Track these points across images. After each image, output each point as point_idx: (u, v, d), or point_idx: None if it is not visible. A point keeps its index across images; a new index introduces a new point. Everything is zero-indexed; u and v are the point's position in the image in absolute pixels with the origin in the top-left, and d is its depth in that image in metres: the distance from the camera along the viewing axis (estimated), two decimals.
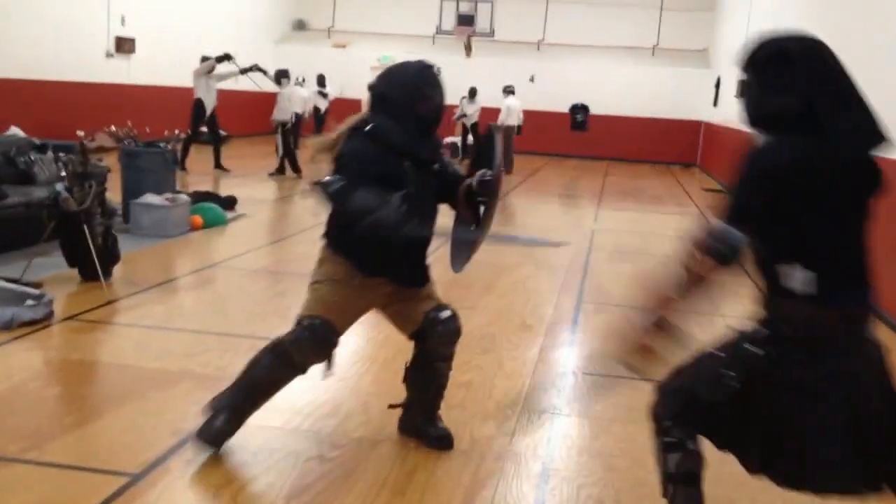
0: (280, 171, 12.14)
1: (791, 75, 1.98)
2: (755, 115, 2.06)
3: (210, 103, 11.99)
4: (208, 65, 11.99)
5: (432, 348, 3.01)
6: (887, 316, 4.96)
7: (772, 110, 2.01)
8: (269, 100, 13.04)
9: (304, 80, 15.16)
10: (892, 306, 4.90)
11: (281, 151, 12.07)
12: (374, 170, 2.72)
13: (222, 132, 12.56)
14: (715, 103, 16.83)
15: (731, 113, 14.61)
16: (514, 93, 15.26)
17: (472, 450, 3.19)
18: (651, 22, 19.78)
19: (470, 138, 15.93)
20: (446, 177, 3.00)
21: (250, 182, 11.35)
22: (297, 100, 13.11)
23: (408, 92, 2.83)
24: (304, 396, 3.50)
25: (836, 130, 1.93)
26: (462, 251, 3.01)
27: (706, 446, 2.19)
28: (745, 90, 2.11)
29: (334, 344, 2.89)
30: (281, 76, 12.84)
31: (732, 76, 14.40)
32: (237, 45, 14.19)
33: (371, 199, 2.64)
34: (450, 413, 3.49)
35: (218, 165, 12.16)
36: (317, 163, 2.99)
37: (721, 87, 16.28)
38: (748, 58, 2.10)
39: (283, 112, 12.36)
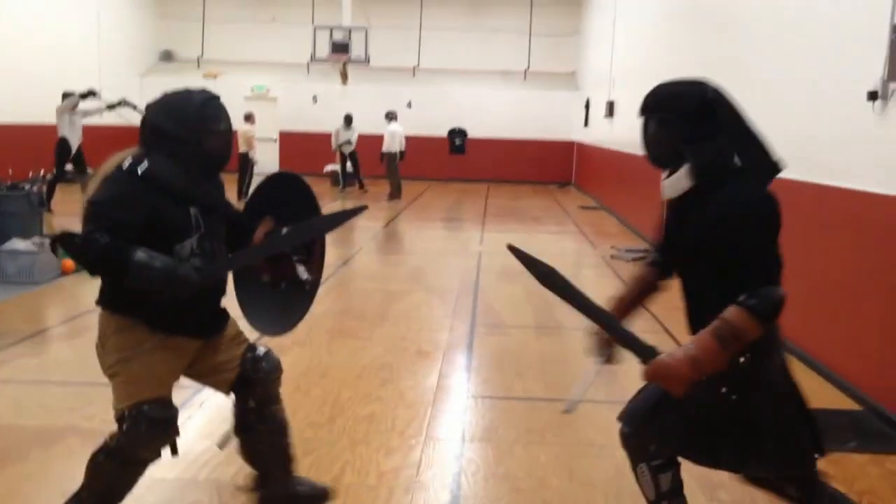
0: None
1: (717, 123, 2.15)
2: (697, 162, 2.14)
3: (75, 141, 11.46)
4: (71, 101, 11.45)
5: (262, 392, 2.71)
6: None
7: (715, 157, 2.14)
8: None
9: None
10: None
11: None
12: (136, 218, 2.35)
13: (89, 170, 12.00)
14: (585, 124, 17.53)
15: (599, 133, 15.27)
16: (396, 118, 15.36)
17: (380, 484, 3.17)
18: (522, 47, 20.43)
19: (349, 166, 15.93)
20: (235, 222, 2.70)
21: None
22: None
23: (191, 126, 2.46)
24: (199, 445, 3.38)
25: (761, 167, 2.15)
26: (294, 312, 2.75)
27: None
28: (666, 137, 2.18)
29: (175, 419, 2.53)
30: None
31: (600, 98, 15.07)
32: (102, 79, 13.63)
33: (157, 261, 2.30)
34: (355, 448, 3.46)
35: None
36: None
37: (590, 108, 16.97)
38: (673, 107, 2.18)
39: None
